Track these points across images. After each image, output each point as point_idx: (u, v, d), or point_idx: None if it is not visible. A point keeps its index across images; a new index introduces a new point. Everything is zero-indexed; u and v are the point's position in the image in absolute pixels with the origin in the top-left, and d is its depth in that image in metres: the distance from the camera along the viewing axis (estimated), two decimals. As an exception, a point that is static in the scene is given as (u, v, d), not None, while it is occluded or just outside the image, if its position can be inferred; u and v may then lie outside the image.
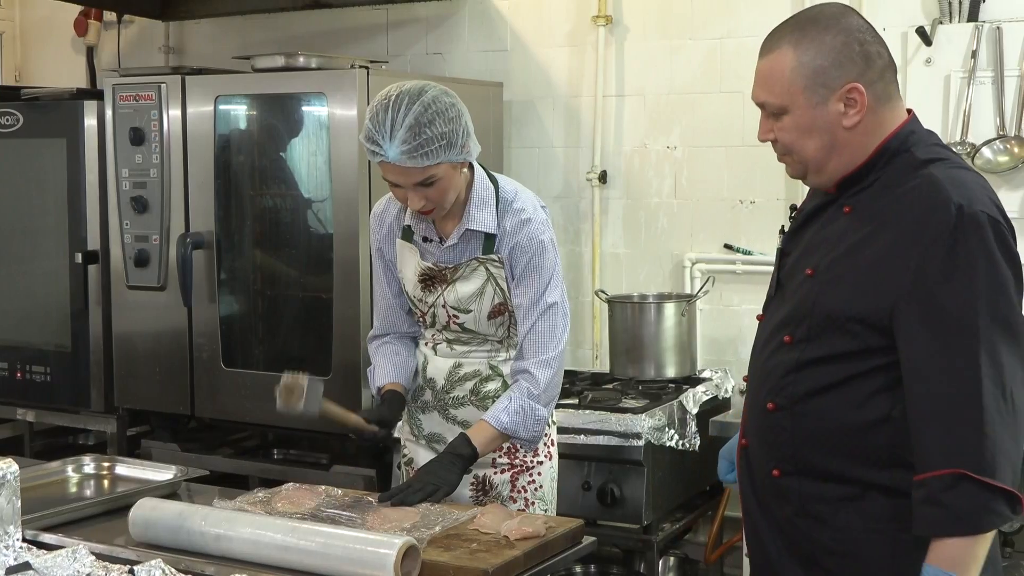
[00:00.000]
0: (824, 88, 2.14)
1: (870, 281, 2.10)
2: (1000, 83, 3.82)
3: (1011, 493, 1.98)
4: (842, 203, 2.23)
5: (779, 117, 2.20)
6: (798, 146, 2.20)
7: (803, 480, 2.20)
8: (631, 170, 4.50)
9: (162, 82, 4.18)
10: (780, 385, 2.22)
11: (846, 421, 2.14)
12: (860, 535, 2.15)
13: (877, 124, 2.18)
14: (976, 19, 3.89)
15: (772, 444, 2.24)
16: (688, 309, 4.15)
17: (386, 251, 3.02)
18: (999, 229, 2.07)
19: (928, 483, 2.00)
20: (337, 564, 2.25)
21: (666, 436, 3.69)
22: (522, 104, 4.64)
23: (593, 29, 4.49)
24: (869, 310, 2.09)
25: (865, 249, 2.13)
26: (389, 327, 3.09)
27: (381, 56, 4.64)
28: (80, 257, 4.39)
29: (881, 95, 2.18)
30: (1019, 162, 3.77)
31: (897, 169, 2.16)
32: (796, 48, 2.15)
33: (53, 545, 2.43)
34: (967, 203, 2.05)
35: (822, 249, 2.22)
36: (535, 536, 2.45)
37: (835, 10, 2.23)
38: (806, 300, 2.20)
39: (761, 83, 2.21)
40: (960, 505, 1.98)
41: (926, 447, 2.02)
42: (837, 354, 2.14)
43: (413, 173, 2.69)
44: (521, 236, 2.86)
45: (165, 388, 4.27)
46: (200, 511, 2.47)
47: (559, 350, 2.89)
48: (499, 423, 2.80)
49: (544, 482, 3.00)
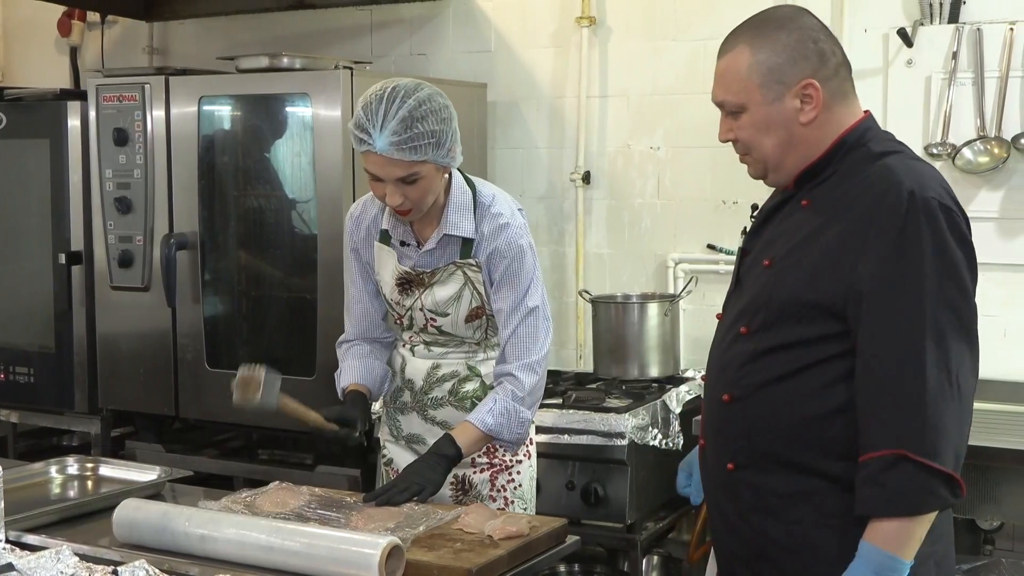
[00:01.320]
0: (780, 84, 2.19)
1: (825, 267, 2.12)
2: (980, 84, 3.83)
3: (951, 476, 2.01)
4: (800, 197, 2.26)
5: (737, 116, 2.25)
6: (756, 143, 2.25)
7: (756, 473, 2.21)
8: (615, 171, 4.50)
9: (146, 83, 4.17)
10: (736, 376, 2.23)
11: (801, 411, 2.14)
12: (811, 529, 2.16)
13: (833, 120, 2.22)
14: (957, 21, 3.90)
15: (727, 437, 2.25)
16: (671, 309, 4.16)
17: (363, 253, 3.01)
18: (951, 215, 2.09)
19: (870, 463, 2.03)
20: (321, 564, 2.24)
21: (649, 435, 3.69)
22: (506, 105, 4.64)
23: (577, 30, 4.50)
24: (823, 295, 2.11)
25: (821, 237, 2.15)
26: (361, 333, 3.07)
27: (365, 57, 4.63)
28: (64, 258, 4.37)
29: (836, 92, 2.22)
30: (999, 162, 3.79)
31: (853, 162, 2.20)
32: (751, 47, 2.21)
33: (36, 546, 2.42)
34: (919, 189, 2.08)
35: (780, 241, 2.25)
36: (519, 535, 2.45)
37: (789, 11, 2.30)
38: (763, 290, 2.22)
39: (719, 82, 2.28)
40: (900, 486, 2.00)
41: (870, 428, 2.05)
42: (792, 342, 2.15)
43: (397, 167, 2.68)
44: (500, 241, 2.86)
45: (149, 389, 4.25)
46: (184, 512, 2.46)
47: (542, 354, 2.89)
48: (484, 424, 2.80)
49: (523, 481, 3.01)
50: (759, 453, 2.20)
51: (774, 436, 2.18)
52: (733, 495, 2.25)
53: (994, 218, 3.86)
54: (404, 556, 2.26)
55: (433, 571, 2.28)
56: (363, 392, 2.96)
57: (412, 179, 2.71)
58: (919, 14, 3.95)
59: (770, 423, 2.18)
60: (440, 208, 2.86)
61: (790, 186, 2.29)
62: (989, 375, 3.80)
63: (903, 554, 2.03)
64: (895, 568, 2.02)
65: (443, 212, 2.86)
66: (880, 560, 2.02)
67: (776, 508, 2.19)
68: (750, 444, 2.21)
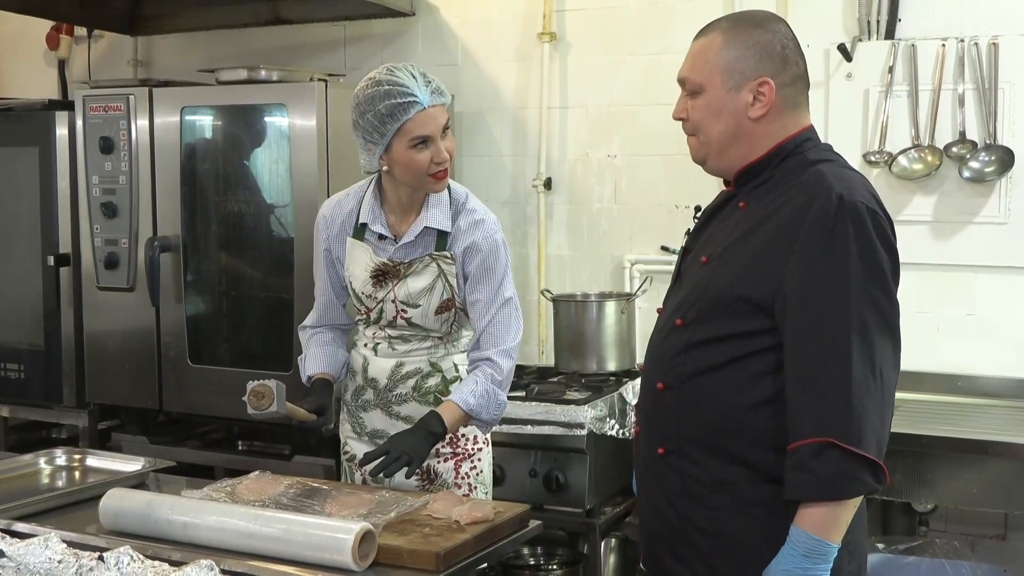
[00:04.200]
0: (740, 75, 2.19)
1: (756, 263, 2.13)
2: (915, 96, 3.86)
3: (875, 463, 2.01)
4: (739, 199, 2.26)
5: (695, 96, 2.25)
6: (705, 126, 2.24)
7: (683, 459, 2.20)
8: (574, 177, 4.51)
9: (130, 94, 4.14)
10: (670, 366, 2.22)
11: (729, 401, 2.14)
12: (730, 516, 2.15)
13: (780, 125, 2.23)
14: (893, 37, 3.93)
15: (659, 423, 2.24)
16: (627, 307, 4.17)
17: (335, 250, 3.01)
18: (877, 219, 2.10)
19: (798, 451, 2.03)
20: (298, 549, 2.24)
21: (607, 426, 3.70)
22: (472, 116, 4.64)
23: (538, 45, 4.50)
24: (754, 290, 2.11)
25: (754, 236, 2.16)
26: (326, 320, 3.10)
27: (339, 70, 4.61)
28: (52, 260, 4.34)
29: (789, 99, 2.23)
30: (932, 169, 3.82)
31: (789, 168, 2.21)
32: (725, 35, 2.22)
33: (26, 534, 2.40)
34: (847, 193, 2.09)
35: (717, 239, 2.26)
36: (484, 520, 2.45)
37: (769, 16, 2.30)
38: (699, 285, 2.22)
39: (688, 61, 2.28)
40: (826, 471, 2.00)
41: (798, 417, 2.04)
42: (724, 335, 2.15)
43: (442, 114, 2.78)
44: (477, 236, 2.88)
45: (134, 384, 4.23)
46: (167, 500, 2.45)
47: (517, 341, 2.92)
48: (467, 404, 2.80)
49: (483, 467, 3.02)
50: (687, 440, 2.19)
51: (702, 424, 2.17)
52: (660, 478, 2.24)
53: (928, 221, 3.89)
54: (376, 540, 2.26)
55: (403, 555, 2.28)
56: (328, 379, 3.01)
57: (447, 127, 2.80)
58: (858, 31, 3.98)
59: (698, 412, 2.18)
60: (419, 203, 2.88)
61: (730, 187, 2.31)
62: (923, 368, 3.86)
63: (831, 538, 2.03)
64: (823, 551, 2.03)
65: (422, 206, 2.87)
66: (809, 544, 2.03)
67: (700, 494, 2.18)
68: (679, 431, 2.20)
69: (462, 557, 2.33)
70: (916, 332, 3.88)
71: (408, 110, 2.72)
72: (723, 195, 2.35)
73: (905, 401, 3.76)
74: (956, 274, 3.87)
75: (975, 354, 3.87)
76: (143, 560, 2.18)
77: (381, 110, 2.72)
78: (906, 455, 3.35)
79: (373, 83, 2.76)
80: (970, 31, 3.81)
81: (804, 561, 2.03)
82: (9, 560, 2.17)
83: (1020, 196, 3.77)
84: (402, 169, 2.81)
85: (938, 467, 3.35)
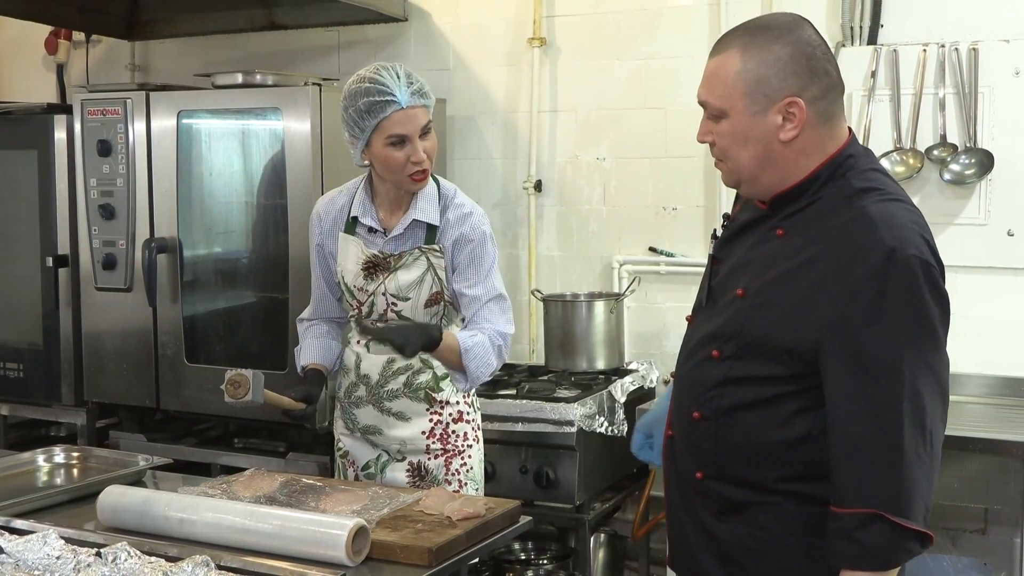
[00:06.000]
0: (765, 97, 1.98)
1: (798, 313, 1.97)
2: (897, 101, 3.87)
3: (923, 533, 1.92)
4: (775, 224, 2.08)
5: (718, 120, 2.04)
6: (732, 153, 2.05)
7: (725, 485, 2.11)
8: (564, 179, 4.51)
9: (128, 98, 4.13)
10: (706, 397, 2.11)
11: (767, 438, 2.04)
12: (777, 537, 2.06)
13: (816, 143, 2.02)
14: (875, 43, 3.94)
15: (697, 450, 2.15)
16: (616, 306, 4.17)
17: (327, 245, 3.02)
18: (929, 271, 1.92)
19: (844, 518, 1.92)
20: (293, 544, 2.23)
21: (596, 423, 3.70)
22: (464, 119, 4.63)
23: (529, 50, 4.50)
24: (795, 342, 1.97)
25: (796, 279, 1.99)
26: (321, 312, 3.12)
27: (333, 74, 4.61)
28: (51, 261, 4.33)
29: (822, 113, 2.01)
30: (914, 172, 3.82)
31: (831, 196, 2.02)
32: (743, 53, 1.99)
33: (24, 530, 2.39)
34: (899, 246, 1.90)
35: (753, 269, 2.08)
36: (476, 516, 2.44)
37: (789, 19, 2.05)
38: (735, 320, 2.07)
39: (706, 83, 2.06)
40: (874, 543, 1.90)
41: (844, 483, 1.93)
42: (762, 376, 2.03)
43: (420, 116, 2.78)
44: (465, 227, 2.89)
45: (132, 383, 4.22)
46: (164, 497, 2.44)
47: (511, 332, 2.92)
48: (464, 342, 2.80)
49: (474, 464, 3.02)
50: (726, 468, 2.10)
51: (740, 457, 2.08)
52: (704, 499, 2.15)
53: (910, 223, 3.88)
54: (369, 536, 2.26)
55: (396, 550, 2.27)
56: (321, 370, 3.02)
57: (427, 129, 2.80)
58: (841, 36, 3.98)
59: (737, 446, 2.08)
60: (408, 198, 2.89)
61: (764, 206, 2.11)
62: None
63: None
64: None
65: (411, 200, 2.89)
66: None
67: (745, 515, 2.09)
68: (717, 460, 2.11)
69: (454, 552, 2.32)
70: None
71: (385, 108, 2.74)
72: (754, 208, 2.15)
73: (888, 399, 3.77)
74: (937, 274, 3.87)
75: (956, 352, 3.78)
76: (140, 556, 2.17)
77: (361, 106, 2.76)
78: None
79: (358, 80, 2.80)
80: (951, 37, 3.82)
81: None
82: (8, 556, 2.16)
83: (1000, 198, 3.78)
84: (381, 165, 2.83)
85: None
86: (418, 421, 2.94)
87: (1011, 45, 3.75)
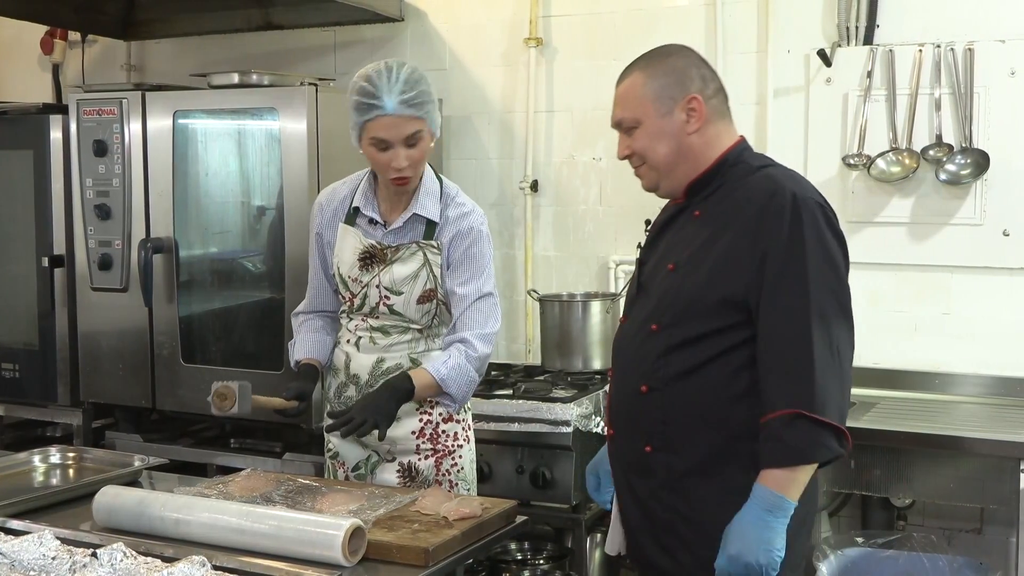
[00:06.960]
0: (670, 100, 2.34)
1: (726, 264, 2.25)
2: (892, 101, 3.87)
3: (839, 429, 2.17)
4: (692, 208, 2.39)
5: (632, 132, 2.37)
6: (650, 152, 2.37)
7: (671, 455, 2.31)
8: (560, 179, 4.50)
9: (124, 98, 4.12)
10: (652, 369, 2.32)
11: (714, 396, 2.26)
12: (715, 506, 2.25)
13: (715, 135, 2.37)
14: (871, 43, 3.94)
15: (644, 423, 2.34)
16: (612, 306, 4.16)
17: (326, 235, 3.02)
18: (827, 213, 2.26)
19: (770, 423, 2.17)
20: (289, 544, 2.23)
21: (592, 423, 3.70)
22: (460, 119, 4.63)
23: (525, 50, 4.49)
24: (728, 289, 2.24)
25: (717, 241, 2.28)
26: (317, 305, 3.11)
27: (329, 74, 4.61)
28: (47, 261, 4.32)
29: (716, 110, 2.38)
30: (909, 172, 3.82)
31: (736, 175, 2.35)
32: (644, 72, 2.38)
33: (20, 531, 2.39)
34: (800, 191, 2.25)
35: (679, 248, 2.37)
36: (472, 516, 2.44)
37: (676, 47, 2.46)
38: (669, 291, 2.33)
39: (618, 104, 2.41)
40: (797, 439, 2.15)
41: (769, 394, 2.19)
42: (700, 334, 2.27)
43: (407, 125, 2.75)
44: (463, 225, 2.91)
45: (128, 383, 4.21)
46: (160, 497, 2.44)
47: (495, 330, 2.92)
48: (438, 373, 2.80)
49: (465, 464, 3.01)
50: (673, 436, 2.30)
51: (688, 420, 2.29)
52: (646, 474, 2.35)
53: (905, 223, 3.89)
54: (366, 536, 2.26)
55: (392, 550, 2.27)
56: (315, 364, 3.02)
57: (414, 139, 2.78)
58: (837, 36, 3.98)
59: (685, 409, 2.29)
60: (410, 194, 2.90)
61: (681, 199, 2.42)
62: (901, 366, 3.87)
63: (790, 495, 2.17)
64: (782, 506, 2.16)
65: (413, 195, 2.89)
66: (770, 499, 2.16)
67: (686, 486, 2.30)
68: (665, 429, 2.31)
69: (450, 552, 2.32)
70: (894, 331, 3.89)
71: (369, 111, 2.76)
72: (671, 208, 2.47)
73: (883, 398, 3.77)
74: (933, 274, 3.87)
75: (951, 352, 3.87)
76: (136, 556, 2.16)
77: (352, 103, 2.80)
78: (884, 451, 3.36)
79: (361, 75, 2.81)
80: (947, 37, 3.82)
81: (765, 515, 2.15)
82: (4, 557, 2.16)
83: (995, 198, 3.78)
84: (369, 160, 2.87)
85: (916, 463, 3.37)
86: (408, 421, 2.93)
87: (1007, 45, 3.75)
